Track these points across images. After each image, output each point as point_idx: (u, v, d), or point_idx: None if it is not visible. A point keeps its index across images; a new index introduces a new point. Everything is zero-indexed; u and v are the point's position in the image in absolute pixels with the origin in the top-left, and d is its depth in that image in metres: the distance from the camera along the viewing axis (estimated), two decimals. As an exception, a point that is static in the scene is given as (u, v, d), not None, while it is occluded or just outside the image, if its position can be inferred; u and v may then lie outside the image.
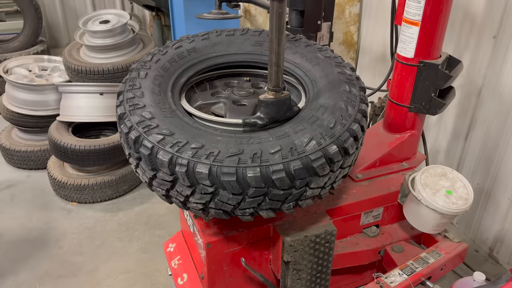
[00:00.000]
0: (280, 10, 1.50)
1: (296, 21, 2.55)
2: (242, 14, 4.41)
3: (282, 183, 1.42)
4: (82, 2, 5.90)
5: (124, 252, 2.80)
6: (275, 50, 1.56)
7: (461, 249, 2.08)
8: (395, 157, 2.31)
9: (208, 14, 2.20)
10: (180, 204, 1.57)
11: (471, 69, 2.65)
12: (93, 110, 3.35)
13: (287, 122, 1.66)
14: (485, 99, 2.61)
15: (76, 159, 3.12)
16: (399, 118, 2.25)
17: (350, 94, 1.70)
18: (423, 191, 1.97)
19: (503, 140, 2.53)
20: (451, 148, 2.93)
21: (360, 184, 2.17)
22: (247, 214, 1.53)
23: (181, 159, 1.41)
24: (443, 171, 2.08)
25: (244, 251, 1.85)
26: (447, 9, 1.96)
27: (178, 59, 1.91)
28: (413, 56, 2.06)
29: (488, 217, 2.72)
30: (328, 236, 1.80)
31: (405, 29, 2.04)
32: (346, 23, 3.57)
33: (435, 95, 2.10)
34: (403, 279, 1.89)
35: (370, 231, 2.17)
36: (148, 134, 1.49)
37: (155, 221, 3.08)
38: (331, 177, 1.55)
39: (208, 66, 1.98)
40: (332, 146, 1.48)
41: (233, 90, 1.93)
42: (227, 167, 1.39)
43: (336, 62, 1.90)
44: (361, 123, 1.62)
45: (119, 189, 3.30)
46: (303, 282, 1.86)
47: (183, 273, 2.12)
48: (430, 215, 1.97)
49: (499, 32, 2.44)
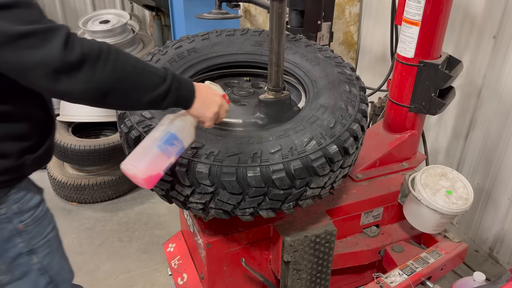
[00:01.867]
0: (280, 10, 1.50)
1: (296, 21, 2.55)
2: (242, 14, 4.41)
3: (282, 182, 1.42)
4: (82, 2, 5.89)
5: (124, 252, 2.80)
6: (275, 50, 1.56)
7: (461, 249, 2.08)
8: (395, 157, 2.31)
9: (208, 14, 2.20)
10: (180, 204, 1.57)
11: (471, 69, 2.65)
12: (93, 110, 3.34)
13: (287, 122, 1.66)
14: (485, 99, 2.61)
15: (76, 159, 3.11)
16: (399, 118, 2.25)
17: (350, 94, 1.70)
18: (423, 191, 1.97)
19: (503, 140, 2.52)
20: (451, 148, 2.93)
21: (360, 184, 2.17)
22: (247, 214, 1.53)
23: (181, 158, 1.41)
24: (443, 171, 2.08)
25: (244, 251, 1.85)
26: (447, 9, 1.96)
27: (178, 59, 1.91)
28: (413, 56, 2.06)
29: (488, 217, 2.72)
30: (328, 236, 1.80)
31: (405, 29, 2.04)
32: (346, 23, 3.57)
33: (435, 95, 2.10)
34: (403, 279, 1.89)
35: (370, 231, 2.17)
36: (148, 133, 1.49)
37: (155, 221, 3.08)
38: (331, 177, 1.55)
39: (208, 66, 1.98)
40: (332, 146, 1.48)
41: (233, 90, 1.93)
42: (227, 166, 1.39)
43: (336, 62, 1.90)
44: (361, 123, 1.62)
45: (119, 189, 3.30)
46: (303, 282, 1.85)
47: (183, 273, 2.12)
48: (430, 215, 1.97)
49: (499, 32, 2.44)
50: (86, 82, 0.99)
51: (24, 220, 1.26)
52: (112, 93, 1.05)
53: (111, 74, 1.02)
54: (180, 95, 1.18)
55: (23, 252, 1.28)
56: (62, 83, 0.98)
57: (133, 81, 1.08)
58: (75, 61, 0.97)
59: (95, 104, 1.08)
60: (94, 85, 1.01)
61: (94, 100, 1.06)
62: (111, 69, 1.02)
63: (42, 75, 0.97)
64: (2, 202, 1.20)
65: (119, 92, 1.06)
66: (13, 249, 1.26)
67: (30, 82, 1.00)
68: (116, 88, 1.05)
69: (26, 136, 1.23)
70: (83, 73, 0.99)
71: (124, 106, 1.24)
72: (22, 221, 1.25)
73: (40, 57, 0.96)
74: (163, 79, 1.13)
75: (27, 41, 0.95)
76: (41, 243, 1.32)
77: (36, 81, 0.99)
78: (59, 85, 0.98)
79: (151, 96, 1.11)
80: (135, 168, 1.20)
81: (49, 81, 0.98)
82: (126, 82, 1.06)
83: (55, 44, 0.96)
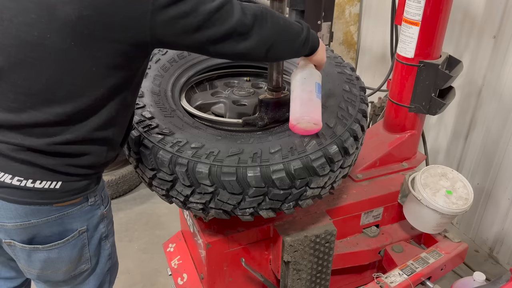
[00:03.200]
0: (280, 10, 1.50)
1: (296, 21, 2.55)
2: (242, 14, 4.41)
3: (282, 182, 1.42)
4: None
5: (124, 252, 2.79)
6: (275, 50, 1.56)
7: (461, 249, 2.08)
8: (395, 157, 2.31)
9: (208, 14, 2.19)
10: (180, 204, 1.57)
11: (471, 69, 2.65)
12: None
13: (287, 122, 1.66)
14: (485, 99, 2.61)
15: (76, 159, 3.12)
16: (399, 118, 2.25)
17: (350, 94, 1.70)
18: (423, 191, 1.97)
19: (503, 140, 2.53)
20: (451, 148, 2.93)
21: (360, 184, 2.17)
22: (247, 214, 1.53)
23: (181, 158, 1.41)
24: (443, 171, 2.08)
25: (244, 251, 1.85)
26: (447, 9, 1.96)
27: (178, 59, 1.91)
28: (413, 56, 2.05)
29: (488, 217, 2.72)
30: (328, 236, 1.80)
31: (405, 29, 2.04)
32: (346, 23, 3.58)
33: (435, 95, 2.10)
34: (403, 279, 1.89)
35: (370, 231, 2.17)
36: (148, 133, 1.49)
37: (155, 221, 3.08)
38: (331, 177, 1.55)
39: (208, 66, 1.98)
40: (332, 145, 1.48)
41: (233, 90, 1.93)
42: (227, 166, 1.39)
43: (336, 62, 1.90)
44: (361, 123, 1.62)
45: (119, 189, 3.30)
46: (303, 282, 1.85)
47: (183, 273, 2.12)
48: (430, 215, 1.97)
49: (499, 32, 2.44)
50: (258, 39, 1.18)
51: (106, 205, 1.35)
52: (274, 45, 1.23)
53: (272, 28, 1.21)
54: (313, 41, 1.37)
55: (102, 237, 1.37)
56: (242, 43, 1.16)
57: (286, 32, 1.27)
58: (250, 23, 1.15)
59: (261, 58, 1.26)
60: (263, 40, 1.20)
61: (261, 54, 1.23)
62: (271, 24, 1.20)
63: (230, 41, 1.15)
64: (96, 189, 1.29)
65: (279, 43, 1.25)
66: (97, 236, 1.34)
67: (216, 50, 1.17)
68: (277, 40, 1.24)
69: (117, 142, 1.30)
70: (255, 31, 1.17)
71: (282, 55, 1.39)
72: (105, 207, 1.35)
73: (230, 25, 1.12)
74: (301, 28, 1.31)
75: (218, 14, 1.11)
76: (111, 229, 1.43)
77: (222, 48, 1.16)
78: (239, 46, 1.17)
79: (298, 42, 1.31)
80: (315, 120, 1.39)
81: (233, 44, 1.16)
82: (282, 34, 1.25)
83: (236, 11, 1.13)
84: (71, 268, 1.31)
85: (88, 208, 1.27)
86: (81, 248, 1.30)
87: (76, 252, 1.29)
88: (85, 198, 1.25)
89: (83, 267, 1.34)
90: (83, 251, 1.31)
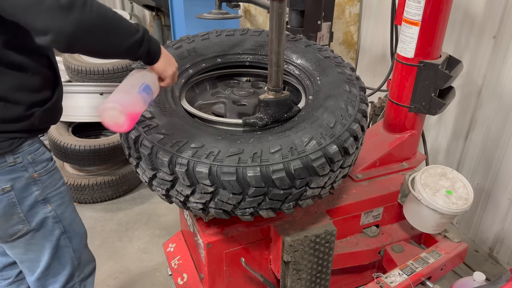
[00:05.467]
0: (280, 10, 1.50)
1: (296, 21, 2.55)
2: (242, 14, 4.41)
3: (282, 182, 1.42)
4: (82, 2, 5.93)
5: (124, 252, 2.79)
6: (275, 50, 1.56)
7: (461, 249, 2.08)
8: (395, 157, 2.31)
9: (208, 14, 2.20)
10: (180, 204, 1.57)
11: (471, 69, 2.65)
12: (93, 110, 3.35)
13: (287, 122, 1.66)
14: (485, 99, 2.61)
15: (76, 159, 3.11)
16: (399, 118, 2.25)
17: (350, 94, 1.70)
18: (423, 191, 1.97)
19: (503, 140, 2.53)
20: (451, 148, 2.93)
21: (360, 184, 2.17)
22: (247, 213, 1.53)
23: (181, 158, 1.41)
24: (443, 171, 2.08)
25: (244, 251, 1.85)
26: (447, 9, 1.96)
27: (178, 59, 1.91)
28: (413, 56, 2.06)
29: (488, 217, 2.72)
30: (328, 236, 1.80)
31: (405, 29, 2.04)
32: (346, 23, 3.57)
33: (435, 95, 2.10)
34: (403, 279, 1.89)
35: (370, 231, 2.17)
36: (148, 133, 1.49)
37: (155, 221, 3.08)
38: (331, 177, 1.55)
39: (208, 66, 1.98)
40: (332, 145, 1.48)
41: (233, 90, 1.93)
42: (227, 166, 1.39)
43: (336, 62, 1.90)
44: (361, 123, 1.62)
45: (119, 189, 3.30)
46: (303, 282, 1.85)
47: (183, 273, 2.12)
48: (430, 215, 1.97)
49: (499, 32, 2.44)
50: (76, 24, 1.10)
51: (38, 170, 1.40)
52: (99, 34, 1.17)
53: (97, 17, 1.15)
54: (150, 47, 1.31)
55: (39, 200, 1.42)
56: (57, 20, 1.08)
57: (114, 26, 1.21)
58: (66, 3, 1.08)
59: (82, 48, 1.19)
60: (83, 26, 1.12)
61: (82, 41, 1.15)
62: (96, 13, 1.14)
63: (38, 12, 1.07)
64: (17, 151, 1.34)
65: (105, 34, 1.19)
66: (29, 197, 1.39)
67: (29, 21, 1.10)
68: (102, 30, 1.18)
69: (36, 88, 1.34)
70: (74, 14, 1.09)
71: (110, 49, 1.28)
72: (36, 171, 1.39)
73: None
74: (136, 29, 1.27)
75: None
76: (54, 193, 1.46)
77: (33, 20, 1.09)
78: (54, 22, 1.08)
79: (129, 41, 1.24)
80: (119, 105, 1.23)
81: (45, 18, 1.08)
82: (109, 26, 1.20)
83: None
84: (2, 224, 1.38)
85: (9, 168, 1.33)
86: (10, 207, 1.36)
87: (2, 208, 1.35)
88: (2, 158, 1.31)
89: (20, 227, 1.41)
90: (14, 210, 1.37)
